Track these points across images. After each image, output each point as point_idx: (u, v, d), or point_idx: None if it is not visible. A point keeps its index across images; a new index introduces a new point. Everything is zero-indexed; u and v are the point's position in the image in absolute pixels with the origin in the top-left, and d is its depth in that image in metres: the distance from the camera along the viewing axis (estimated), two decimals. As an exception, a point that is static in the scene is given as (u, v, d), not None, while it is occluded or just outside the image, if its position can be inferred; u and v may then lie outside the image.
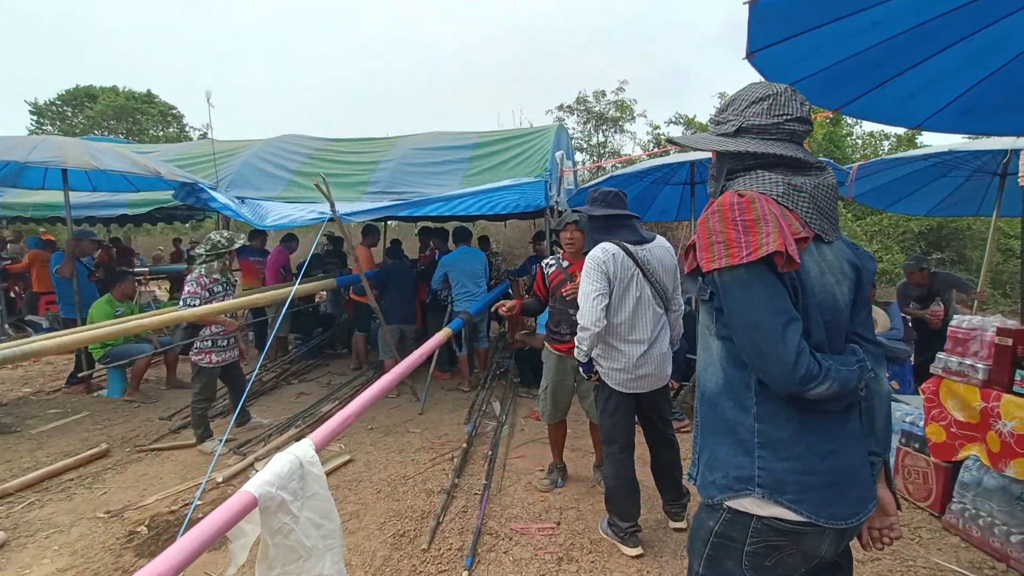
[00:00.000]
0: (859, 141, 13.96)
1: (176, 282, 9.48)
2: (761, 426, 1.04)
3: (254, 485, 1.25)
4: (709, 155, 4.17)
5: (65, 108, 20.46)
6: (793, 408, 1.02)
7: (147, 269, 8.45)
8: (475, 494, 2.91)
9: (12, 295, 7.20)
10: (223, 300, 3.55)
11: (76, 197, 5.35)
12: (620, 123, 16.05)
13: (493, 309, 2.93)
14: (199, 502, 2.62)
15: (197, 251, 3.68)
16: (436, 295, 5.09)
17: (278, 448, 3.50)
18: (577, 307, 2.83)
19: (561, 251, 3.03)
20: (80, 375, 4.55)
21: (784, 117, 1.11)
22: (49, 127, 19.83)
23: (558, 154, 4.37)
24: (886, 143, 13.61)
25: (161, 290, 9.34)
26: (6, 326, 6.10)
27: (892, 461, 2.92)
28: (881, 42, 2.18)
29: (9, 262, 6.24)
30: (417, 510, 2.75)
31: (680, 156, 5.27)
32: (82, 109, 20.08)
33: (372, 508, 2.77)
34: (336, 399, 4.55)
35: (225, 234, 3.73)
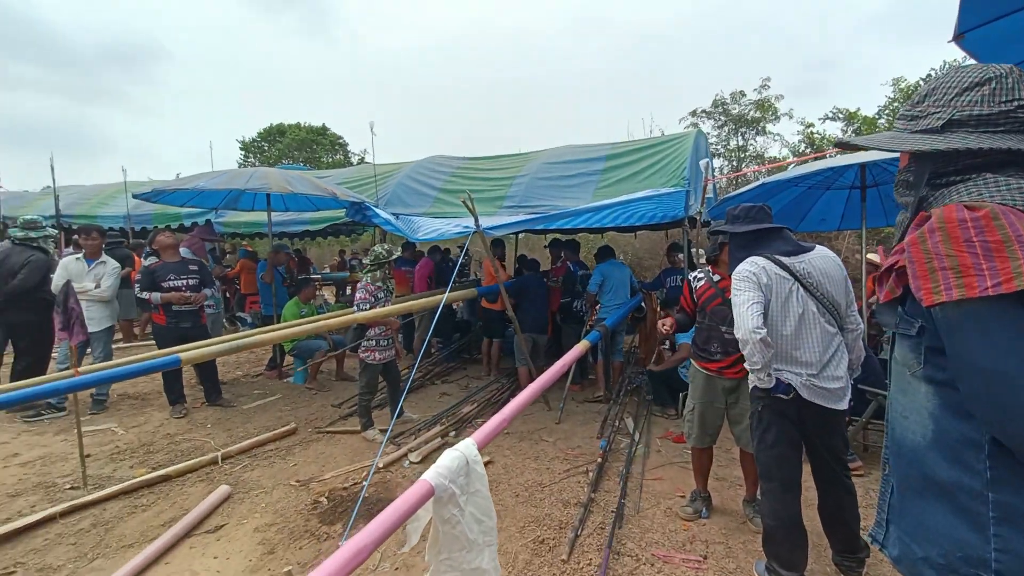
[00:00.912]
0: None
1: (340, 287, 10.98)
2: (998, 496, 0.83)
3: (431, 476, 1.39)
4: (886, 156, 3.55)
5: (263, 143, 25.20)
6: None
7: (319, 276, 9.89)
8: (612, 512, 2.86)
9: (226, 296, 9.00)
10: (384, 305, 4.03)
11: (273, 216, 6.52)
12: (761, 124, 14.66)
13: (659, 328, 2.82)
14: (365, 483, 2.98)
15: (364, 261, 4.22)
16: (570, 306, 5.16)
17: (427, 441, 3.84)
18: (729, 324, 2.65)
19: (709, 265, 2.88)
20: (275, 363, 5.51)
21: (1015, 103, 0.89)
22: (252, 159, 24.63)
23: (703, 162, 4.15)
24: None
25: (329, 294, 10.85)
26: (224, 321, 7.63)
27: None
28: None
29: (228, 269, 7.80)
30: (555, 519, 2.79)
31: (847, 157, 4.63)
32: (274, 143, 24.55)
33: (512, 511, 2.88)
34: (475, 402, 4.84)
35: (385, 246, 4.24)
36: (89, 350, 4.35)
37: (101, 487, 3.06)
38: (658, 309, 6.57)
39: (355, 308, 3.97)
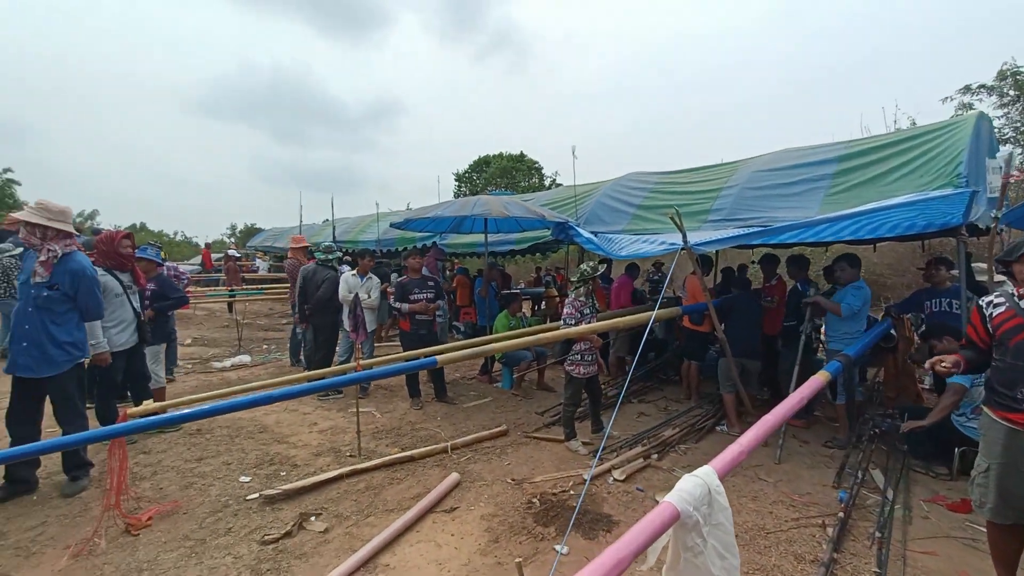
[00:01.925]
0: None
1: (536, 302, 11.72)
2: None
3: (675, 500, 1.38)
4: None
5: (472, 173, 28.82)
6: None
7: (518, 291, 10.75)
8: (864, 580, 2.40)
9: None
10: (590, 321, 4.16)
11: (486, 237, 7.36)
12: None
13: (930, 365, 2.32)
14: (581, 497, 3.08)
15: (571, 278, 4.44)
16: (795, 330, 4.55)
17: (629, 460, 3.81)
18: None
19: (1016, 284, 2.23)
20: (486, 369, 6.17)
21: None
22: (464, 188, 28.35)
23: (1002, 153, 3.23)
24: None
25: (526, 308, 11.68)
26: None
27: None
28: None
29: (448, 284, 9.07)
30: (786, 573, 2.47)
31: None
32: (481, 172, 27.85)
33: (731, 551, 2.65)
34: (676, 426, 4.62)
35: (591, 264, 4.39)
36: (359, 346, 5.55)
37: (369, 458, 3.85)
38: (914, 337, 5.31)
39: (562, 323, 4.20)
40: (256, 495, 3.23)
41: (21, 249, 6.03)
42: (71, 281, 3.16)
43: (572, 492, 3.36)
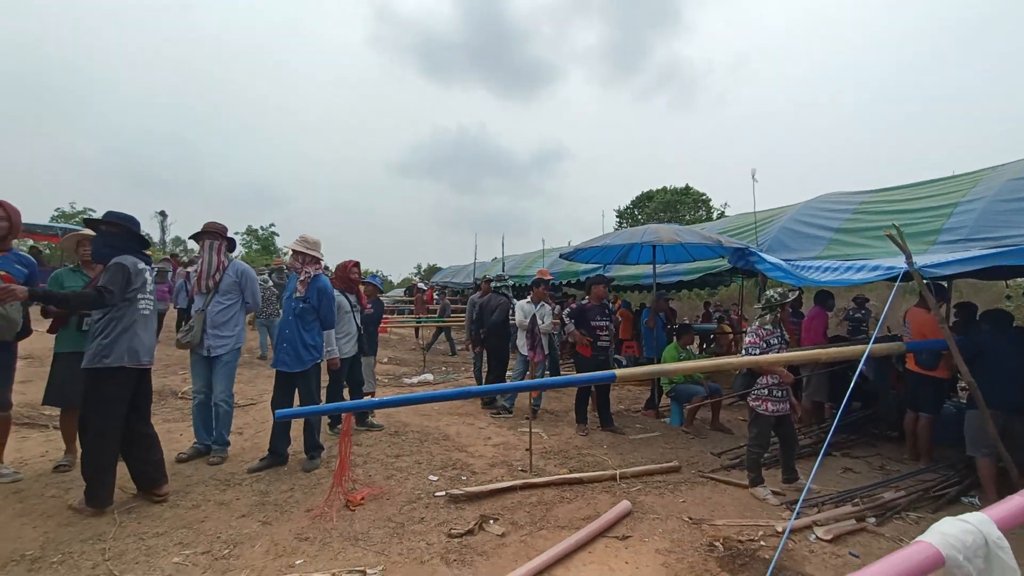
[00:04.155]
0: None
1: (705, 339, 10.89)
2: None
3: (937, 541, 1.14)
4: None
5: (634, 209, 28.63)
6: None
7: (689, 323, 10.13)
8: None
9: (606, 339, 10.36)
10: (778, 352, 3.72)
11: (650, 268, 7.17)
12: None
13: None
14: (779, 550, 2.69)
15: (755, 307, 4.06)
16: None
17: (837, 519, 3.22)
18: None
19: None
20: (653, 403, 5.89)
21: None
22: (625, 224, 28.32)
23: None
24: None
25: (694, 345, 10.90)
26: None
27: None
28: None
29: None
30: None
31: None
32: (643, 207, 27.49)
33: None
34: (901, 488, 3.77)
35: (778, 290, 3.95)
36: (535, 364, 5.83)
37: (539, 475, 3.95)
38: None
39: (743, 353, 3.83)
40: (443, 493, 3.56)
41: (271, 283, 7.87)
42: (317, 296, 4.01)
43: (763, 543, 2.96)
